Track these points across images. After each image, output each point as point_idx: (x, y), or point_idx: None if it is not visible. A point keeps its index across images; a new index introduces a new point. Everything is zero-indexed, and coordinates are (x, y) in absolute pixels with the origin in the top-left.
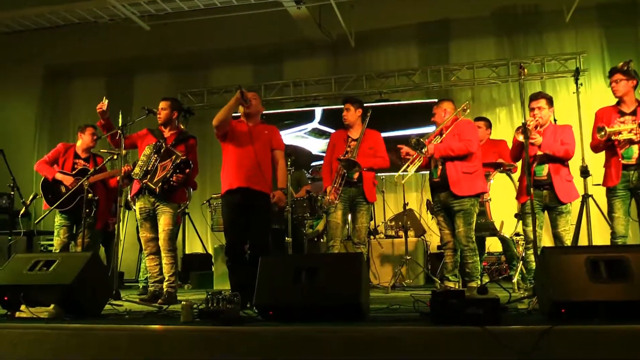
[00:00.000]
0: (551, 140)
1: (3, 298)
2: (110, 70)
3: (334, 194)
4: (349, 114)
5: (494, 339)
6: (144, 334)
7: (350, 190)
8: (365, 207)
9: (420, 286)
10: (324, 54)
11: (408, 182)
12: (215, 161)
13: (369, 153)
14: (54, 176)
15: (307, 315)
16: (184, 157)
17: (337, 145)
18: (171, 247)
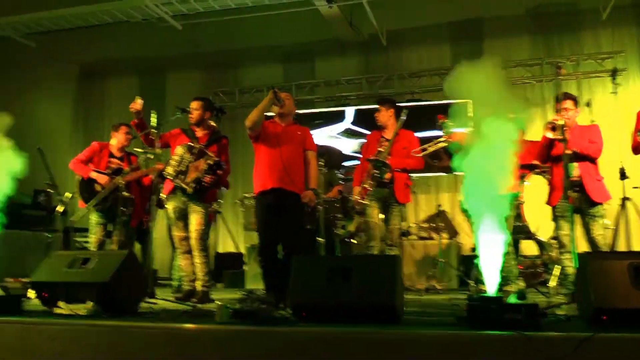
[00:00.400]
0: (579, 138)
1: (42, 294)
2: (143, 69)
3: (361, 194)
4: (380, 115)
5: (533, 345)
6: (180, 333)
7: (382, 191)
8: (397, 208)
9: (453, 289)
10: (355, 53)
11: (440, 182)
12: (247, 160)
13: (403, 153)
14: (88, 175)
15: (341, 317)
16: (217, 159)
17: (370, 146)
18: (203, 246)
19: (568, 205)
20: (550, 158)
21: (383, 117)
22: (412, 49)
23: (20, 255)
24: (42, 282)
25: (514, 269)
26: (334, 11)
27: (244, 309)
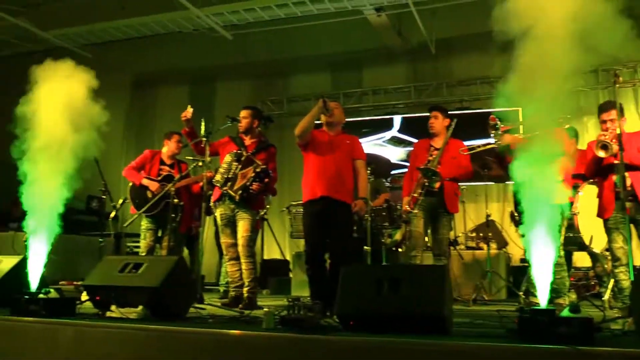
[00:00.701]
0: (628, 147)
1: (95, 297)
2: (194, 78)
3: (410, 204)
4: (436, 122)
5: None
6: (227, 339)
7: (431, 200)
8: (446, 218)
9: (502, 300)
10: (403, 61)
11: (490, 192)
12: (294, 168)
13: (452, 163)
14: (140, 182)
15: (389, 327)
16: (264, 166)
17: (419, 155)
18: (250, 253)
19: (622, 217)
20: (599, 172)
21: (440, 125)
22: (461, 57)
23: (74, 259)
24: (95, 285)
25: (565, 281)
26: (383, 20)
27: (291, 316)
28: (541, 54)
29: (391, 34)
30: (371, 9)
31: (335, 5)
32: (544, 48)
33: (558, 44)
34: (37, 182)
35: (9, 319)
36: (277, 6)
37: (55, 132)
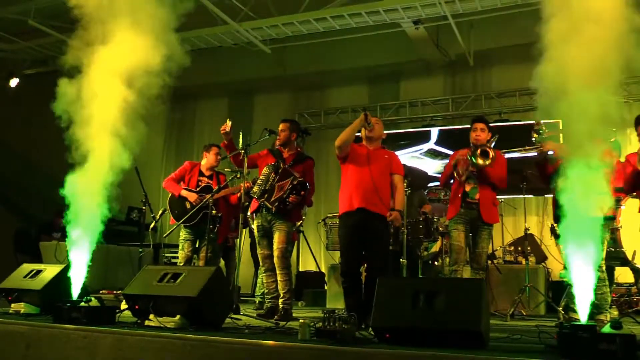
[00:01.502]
0: None
1: (134, 306)
2: (233, 91)
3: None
4: (483, 134)
5: None
6: (263, 349)
7: (471, 213)
8: (487, 231)
9: (541, 316)
10: (441, 73)
11: (528, 205)
12: (331, 180)
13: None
14: (179, 193)
15: (425, 340)
16: (301, 179)
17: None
18: (285, 264)
19: None
20: (638, 185)
21: (485, 138)
22: (499, 68)
23: (114, 268)
24: (135, 294)
25: (607, 296)
26: (421, 32)
27: (326, 328)
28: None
29: (429, 46)
30: (409, 21)
31: (373, 18)
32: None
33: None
34: (80, 193)
35: (52, 326)
36: (316, 20)
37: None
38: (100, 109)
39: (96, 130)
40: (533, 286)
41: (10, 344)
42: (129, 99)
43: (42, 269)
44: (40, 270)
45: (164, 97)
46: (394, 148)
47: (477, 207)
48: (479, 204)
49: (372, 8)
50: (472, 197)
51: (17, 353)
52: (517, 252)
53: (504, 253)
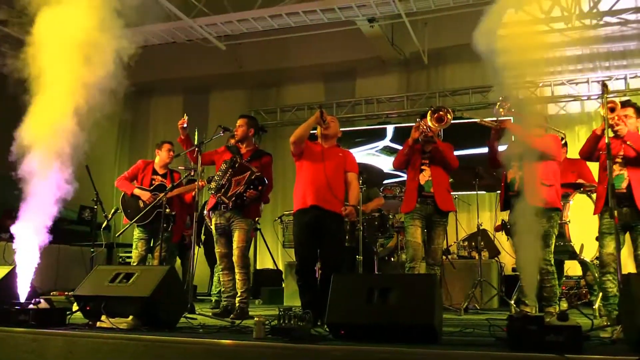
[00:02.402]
0: (635, 141)
1: (85, 307)
2: (187, 88)
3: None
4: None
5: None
6: (218, 349)
7: (426, 208)
8: (442, 227)
9: (494, 309)
10: (396, 71)
11: (481, 201)
12: (287, 178)
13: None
14: (132, 192)
15: (379, 336)
16: (259, 174)
17: None
18: (244, 263)
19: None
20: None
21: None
22: (454, 67)
23: (65, 269)
24: (86, 295)
25: (556, 289)
26: (376, 30)
27: (282, 326)
28: None
29: (384, 44)
30: (364, 19)
31: (328, 16)
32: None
33: None
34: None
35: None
36: (271, 17)
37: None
38: (48, 105)
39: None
40: (486, 280)
41: None
42: (79, 94)
43: None
44: None
45: (116, 94)
46: (349, 145)
47: (433, 200)
48: (434, 195)
49: (327, 5)
50: (428, 190)
51: None
52: (471, 247)
53: (458, 248)
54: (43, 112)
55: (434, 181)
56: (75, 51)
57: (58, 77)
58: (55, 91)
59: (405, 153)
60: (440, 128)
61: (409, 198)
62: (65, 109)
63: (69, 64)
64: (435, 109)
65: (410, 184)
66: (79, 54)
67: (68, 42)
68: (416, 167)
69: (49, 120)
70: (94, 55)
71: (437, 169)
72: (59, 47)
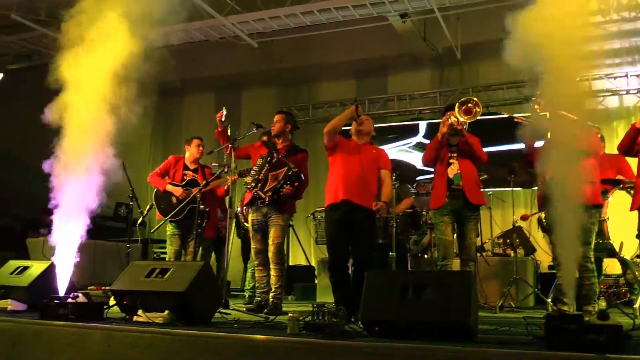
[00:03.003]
0: None
1: (122, 302)
2: (220, 86)
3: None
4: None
5: None
6: (252, 344)
7: (456, 203)
8: (473, 221)
9: (530, 307)
10: (428, 67)
11: (517, 197)
12: (319, 174)
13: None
14: (164, 188)
15: (413, 333)
16: (296, 170)
17: None
18: (280, 259)
19: None
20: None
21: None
22: (488, 62)
23: (102, 264)
24: (123, 290)
25: (595, 287)
26: (408, 26)
27: (315, 322)
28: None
29: (416, 39)
30: (396, 15)
31: (360, 12)
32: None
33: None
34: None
35: (38, 323)
36: (302, 13)
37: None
38: (85, 103)
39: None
40: (522, 278)
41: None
42: (115, 94)
43: (28, 266)
44: (27, 267)
45: (150, 93)
46: (382, 142)
47: (462, 193)
48: (464, 189)
49: (359, 1)
50: (457, 184)
51: (3, 351)
52: (506, 244)
53: (493, 246)
54: (78, 109)
55: (463, 174)
56: (110, 50)
57: (93, 75)
58: (90, 89)
59: (434, 149)
60: (469, 121)
61: (438, 193)
62: (100, 107)
63: (104, 62)
64: (463, 101)
65: (438, 179)
66: (114, 53)
67: (103, 41)
68: (444, 161)
69: (84, 117)
70: (128, 54)
71: (466, 162)
72: (94, 46)
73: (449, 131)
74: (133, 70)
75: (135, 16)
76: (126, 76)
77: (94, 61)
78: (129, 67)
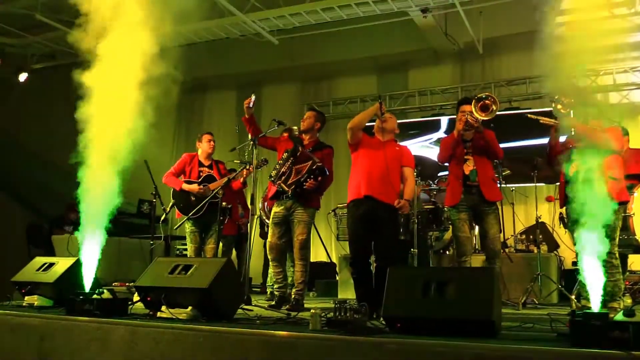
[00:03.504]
0: None
1: (146, 298)
2: (241, 83)
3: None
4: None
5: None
6: (274, 340)
7: (472, 198)
8: (492, 214)
9: (553, 304)
10: (450, 62)
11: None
12: (340, 171)
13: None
14: (180, 187)
15: (436, 329)
16: (320, 164)
17: None
18: (305, 255)
19: None
20: None
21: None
22: (510, 56)
23: (126, 261)
24: (147, 286)
25: (620, 284)
26: (429, 21)
27: (338, 319)
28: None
29: (437, 34)
30: (417, 10)
31: (380, 7)
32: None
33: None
34: (91, 186)
35: (65, 318)
36: (323, 10)
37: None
38: (109, 102)
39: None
40: (545, 274)
41: (24, 337)
42: (139, 92)
43: (54, 262)
44: (53, 263)
45: (173, 90)
46: (403, 137)
47: (478, 189)
48: (479, 185)
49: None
50: (473, 180)
51: (31, 345)
52: (529, 240)
53: (516, 242)
54: (102, 108)
55: (479, 171)
56: (133, 48)
57: (116, 73)
58: (113, 87)
59: (451, 146)
60: (486, 118)
61: (454, 190)
62: (123, 104)
63: (127, 61)
64: (479, 98)
65: (453, 176)
66: (137, 51)
67: (125, 39)
68: (459, 158)
69: (108, 116)
70: (150, 52)
71: (481, 159)
72: (116, 45)
73: (465, 127)
74: (155, 69)
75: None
76: (149, 74)
77: (117, 61)
78: (151, 66)
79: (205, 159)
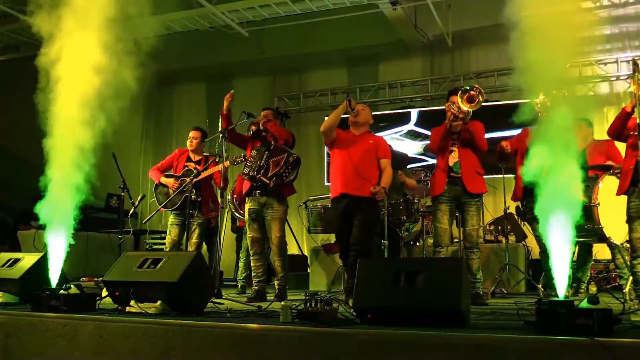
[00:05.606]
0: None
1: (115, 293)
2: (211, 75)
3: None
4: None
5: (606, 351)
6: (245, 333)
7: (455, 190)
8: (474, 206)
9: (521, 293)
10: (419, 55)
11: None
12: (310, 164)
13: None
14: (159, 181)
15: (406, 320)
16: (295, 155)
17: None
18: (283, 252)
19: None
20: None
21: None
22: (479, 49)
23: (94, 256)
24: (115, 281)
25: (587, 272)
26: (398, 13)
27: (308, 310)
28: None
29: (407, 27)
30: (387, 2)
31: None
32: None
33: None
34: (56, 179)
35: (31, 315)
36: (293, 2)
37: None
38: (73, 94)
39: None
40: (513, 264)
41: None
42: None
43: (20, 258)
44: (18, 259)
45: (140, 82)
46: (374, 130)
47: (461, 181)
48: (462, 177)
49: None
50: (457, 172)
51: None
52: (497, 231)
53: (485, 232)
54: (67, 100)
55: (462, 163)
56: (97, 40)
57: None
58: (77, 81)
59: (442, 136)
60: (472, 109)
61: (438, 181)
62: (87, 98)
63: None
64: (465, 89)
65: (438, 167)
66: (101, 43)
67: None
68: (445, 148)
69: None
70: (115, 44)
71: (466, 151)
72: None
73: (452, 118)
74: (122, 60)
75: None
76: (115, 66)
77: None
78: (117, 57)
79: (195, 155)
